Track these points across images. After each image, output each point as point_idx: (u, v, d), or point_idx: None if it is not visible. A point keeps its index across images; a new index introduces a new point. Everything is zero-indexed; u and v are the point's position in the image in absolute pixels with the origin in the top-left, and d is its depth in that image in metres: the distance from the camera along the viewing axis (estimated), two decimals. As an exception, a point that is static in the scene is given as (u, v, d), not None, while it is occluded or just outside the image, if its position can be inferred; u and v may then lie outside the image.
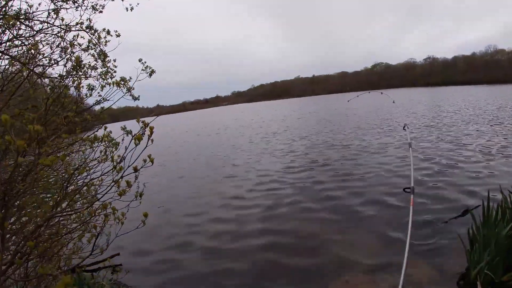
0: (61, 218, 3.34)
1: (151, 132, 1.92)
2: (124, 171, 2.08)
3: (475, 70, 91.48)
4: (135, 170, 2.00)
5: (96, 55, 3.96)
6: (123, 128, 3.39)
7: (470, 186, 7.65)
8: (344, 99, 54.40)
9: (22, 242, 1.89)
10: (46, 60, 3.38)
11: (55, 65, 3.40)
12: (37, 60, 2.97)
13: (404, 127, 5.95)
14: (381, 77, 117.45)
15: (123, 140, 2.97)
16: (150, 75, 3.50)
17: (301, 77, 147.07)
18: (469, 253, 4.30)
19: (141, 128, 1.97)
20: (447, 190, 7.58)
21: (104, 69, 3.92)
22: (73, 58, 3.20)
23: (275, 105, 76.28)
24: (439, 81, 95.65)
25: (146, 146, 1.89)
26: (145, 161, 2.03)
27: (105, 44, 4.12)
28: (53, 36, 3.88)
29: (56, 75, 3.38)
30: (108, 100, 3.24)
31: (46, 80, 3.69)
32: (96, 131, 3.32)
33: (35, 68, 3.14)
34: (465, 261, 4.42)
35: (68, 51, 3.56)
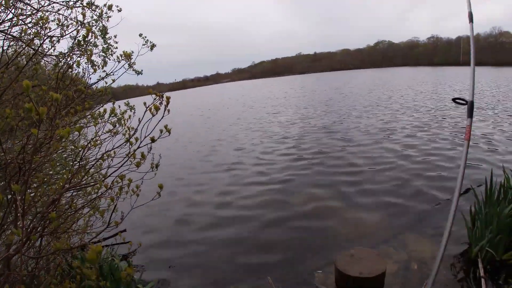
0: (74, 193, 3.38)
1: (168, 102, 1.92)
2: (141, 142, 2.09)
3: (479, 51, 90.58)
4: (152, 140, 2.01)
5: (97, 32, 3.90)
6: (127, 104, 3.41)
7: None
8: (346, 76, 54.32)
9: (39, 216, 1.91)
10: (48, 38, 3.35)
11: (57, 43, 3.37)
12: (41, 36, 2.93)
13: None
14: (384, 55, 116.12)
15: (133, 112, 2.98)
16: (152, 48, 3.47)
17: (303, 54, 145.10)
18: (471, 231, 4.37)
19: (156, 98, 1.95)
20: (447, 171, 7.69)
21: (105, 45, 3.89)
22: (79, 33, 3.18)
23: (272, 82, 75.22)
24: (442, 61, 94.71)
25: (163, 116, 1.88)
26: (161, 131, 2.03)
27: (107, 20, 4.07)
28: (54, 14, 3.82)
29: (58, 54, 3.37)
30: (112, 74, 3.22)
31: (49, 60, 3.68)
32: (102, 106, 3.33)
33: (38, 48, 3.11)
34: (466, 239, 4.50)
35: (70, 29, 3.53)
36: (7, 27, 3.12)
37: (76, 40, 3.03)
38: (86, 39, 2.81)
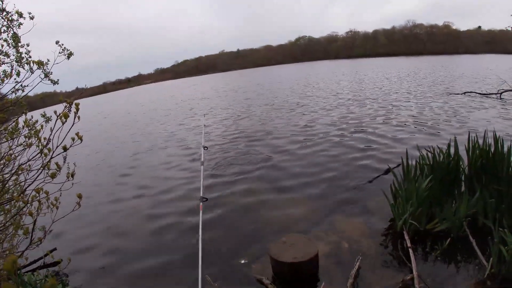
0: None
1: (77, 109, 1.87)
2: (54, 152, 2.01)
3: (395, 43, 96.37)
4: (65, 149, 1.94)
5: (8, 40, 3.66)
6: (43, 115, 3.25)
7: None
8: (269, 72, 55.43)
9: None
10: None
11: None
12: None
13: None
14: (305, 50, 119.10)
15: (47, 122, 2.85)
16: (69, 57, 3.35)
17: (226, 52, 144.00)
18: (393, 206, 4.66)
19: (65, 106, 1.89)
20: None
21: (18, 54, 3.68)
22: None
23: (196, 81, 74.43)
24: (361, 53, 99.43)
25: (73, 123, 1.83)
26: (73, 139, 1.95)
27: (18, 27, 3.83)
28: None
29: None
30: (26, 86, 3.07)
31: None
32: (16, 119, 3.15)
33: None
34: (390, 214, 4.81)
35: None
36: None
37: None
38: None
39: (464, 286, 3.42)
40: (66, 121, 1.86)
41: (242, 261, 4.28)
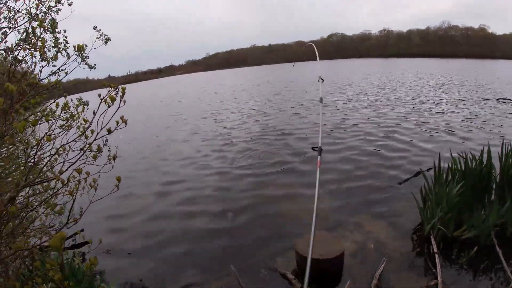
0: (29, 192, 3.25)
1: (123, 93, 1.90)
2: (98, 133, 2.06)
3: (429, 43, 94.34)
4: (109, 132, 1.98)
5: (46, 26, 3.74)
6: (80, 99, 3.33)
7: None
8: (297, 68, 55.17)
9: None
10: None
11: (5, 37, 3.25)
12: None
13: (319, 80, 5.41)
14: (337, 47, 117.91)
15: (87, 106, 2.92)
16: (106, 42, 3.41)
17: (257, 46, 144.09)
18: (422, 210, 4.60)
19: (109, 90, 1.93)
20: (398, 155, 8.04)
21: (55, 40, 3.75)
22: (30, 24, 3.07)
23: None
24: (394, 53, 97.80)
25: (119, 107, 1.86)
26: (117, 122, 1.99)
27: (56, 13, 3.90)
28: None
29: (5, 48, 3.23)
30: (64, 70, 3.13)
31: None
32: (54, 101, 3.22)
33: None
34: (419, 218, 4.75)
35: (19, 22, 3.39)
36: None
37: (26, 32, 2.93)
38: (36, 30, 2.72)
39: (487, 296, 3.36)
40: (112, 104, 1.90)
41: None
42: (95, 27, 3.39)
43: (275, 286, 3.82)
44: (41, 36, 3.10)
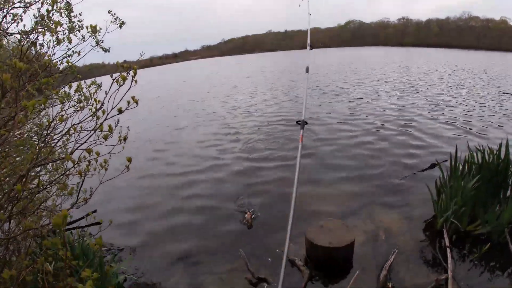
0: (40, 171, 3.28)
1: (135, 73, 1.88)
2: (108, 113, 2.03)
3: (449, 33, 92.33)
4: (120, 111, 1.96)
5: (62, 8, 3.72)
6: (93, 82, 3.32)
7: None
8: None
9: (6, 194, 1.84)
10: (10, 16, 3.19)
11: (20, 21, 3.22)
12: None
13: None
14: (354, 35, 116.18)
15: (99, 88, 2.91)
16: (121, 26, 3.39)
17: (273, 32, 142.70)
18: (436, 203, 4.53)
19: (124, 68, 1.90)
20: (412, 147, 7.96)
21: (70, 24, 3.74)
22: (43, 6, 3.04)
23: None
24: (411, 42, 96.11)
25: (130, 87, 1.84)
26: (128, 102, 1.97)
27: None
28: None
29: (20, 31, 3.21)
30: (78, 52, 3.12)
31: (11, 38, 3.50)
32: (67, 85, 3.21)
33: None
34: (432, 211, 4.68)
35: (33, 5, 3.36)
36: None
37: (40, 15, 2.90)
38: (51, 12, 2.70)
39: (497, 294, 3.30)
40: (123, 83, 1.87)
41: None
42: (109, 11, 3.37)
43: (283, 272, 3.82)
44: (56, 19, 3.08)
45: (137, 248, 4.60)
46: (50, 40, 2.88)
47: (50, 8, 2.64)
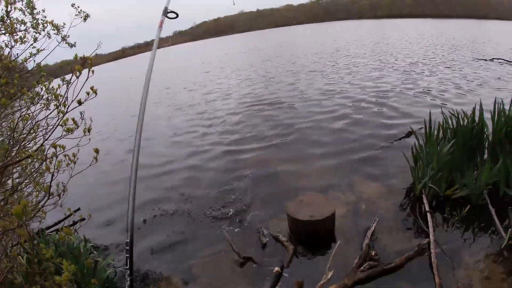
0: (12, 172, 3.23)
1: (91, 64, 1.86)
2: (68, 106, 2.01)
3: (422, 3, 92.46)
4: (79, 103, 1.94)
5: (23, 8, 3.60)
6: (63, 79, 3.27)
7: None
8: (289, 33, 54.45)
9: None
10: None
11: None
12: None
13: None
14: (327, 10, 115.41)
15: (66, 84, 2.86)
16: (85, 19, 3.33)
17: (245, 11, 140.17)
18: (414, 169, 4.60)
19: (80, 59, 1.89)
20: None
21: (34, 21, 3.64)
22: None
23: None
24: (385, 14, 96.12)
25: (88, 77, 1.82)
26: (88, 93, 1.95)
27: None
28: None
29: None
30: (44, 50, 3.05)
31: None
32: (35, 84, 3.15)
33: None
34: (410, 178, 4.72)
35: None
36: None
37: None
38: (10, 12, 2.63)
39: (480, 255, 3.38)
40: (80, 74, 1.86)
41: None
42: (73, 5, 3.29)
43: (268, 249, 3.88)
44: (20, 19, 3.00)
45: (122, 241, 4.58)
46: (9, 40, 2.81)
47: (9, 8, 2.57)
